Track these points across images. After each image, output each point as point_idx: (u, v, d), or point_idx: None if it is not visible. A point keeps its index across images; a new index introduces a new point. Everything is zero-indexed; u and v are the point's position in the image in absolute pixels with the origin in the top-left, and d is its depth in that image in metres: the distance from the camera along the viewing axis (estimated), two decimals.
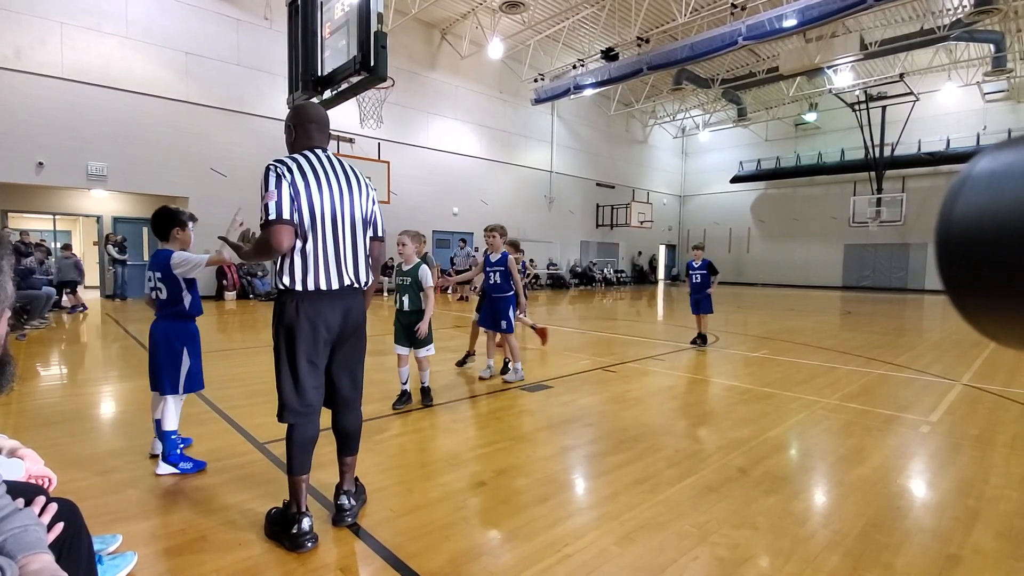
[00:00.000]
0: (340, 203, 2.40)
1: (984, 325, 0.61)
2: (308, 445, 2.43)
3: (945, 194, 0.61)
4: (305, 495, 2.43)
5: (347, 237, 2.42)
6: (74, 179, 13.10)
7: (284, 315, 2.36)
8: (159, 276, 3.12)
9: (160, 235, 3.20)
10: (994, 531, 2.54)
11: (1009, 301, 0.55)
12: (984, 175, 0.57)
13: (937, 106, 23.86)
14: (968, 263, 0.57)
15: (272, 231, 2.23)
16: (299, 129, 2.48)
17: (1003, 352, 7.74)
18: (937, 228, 0.61)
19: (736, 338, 8.89)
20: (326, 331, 2.41)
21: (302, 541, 2.31)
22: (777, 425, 4.21)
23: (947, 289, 0.61)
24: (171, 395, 3.06)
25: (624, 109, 27.26)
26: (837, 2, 13.15)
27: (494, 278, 5.46)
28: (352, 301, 2.48)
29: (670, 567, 2.21)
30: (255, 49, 15.54)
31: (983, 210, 0.56)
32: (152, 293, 3.19)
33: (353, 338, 2.53)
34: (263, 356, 6.74)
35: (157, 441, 3.22)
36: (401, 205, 18.19)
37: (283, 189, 2.25)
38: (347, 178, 2.46)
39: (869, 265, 26.32)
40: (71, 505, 1.47)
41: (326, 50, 4.37)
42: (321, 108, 2.60)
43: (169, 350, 3.09)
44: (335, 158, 2.48)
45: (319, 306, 2.37)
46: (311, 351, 2.39)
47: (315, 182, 2.33)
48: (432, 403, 4.64)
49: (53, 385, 5.36)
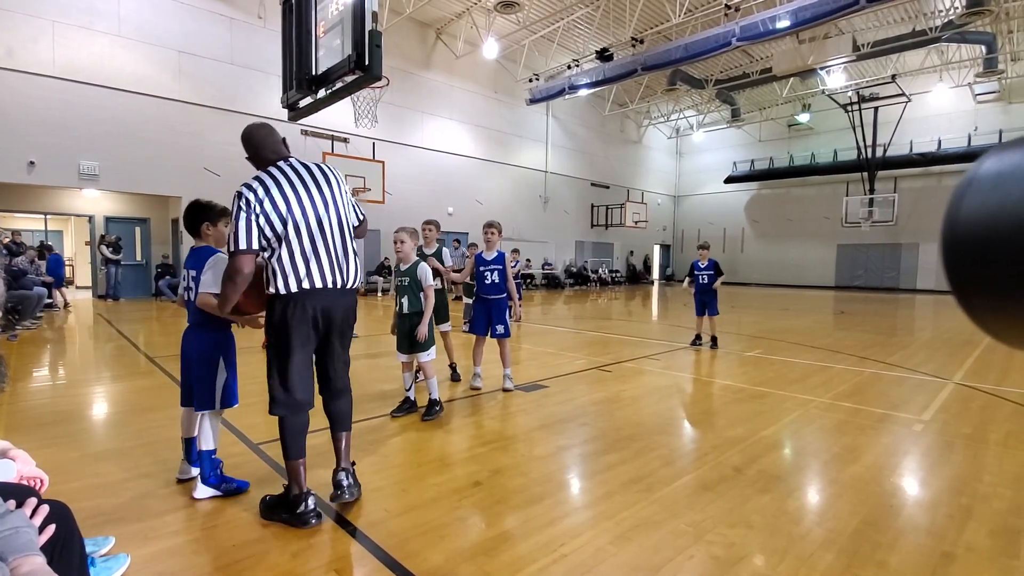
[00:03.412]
0: (321, 206, 2.52)
1: (991, 325, 0.60)
2: (300, 432, 2.58)
3: (951, 195, 0.60)
4: (304, 476, 2.55)
5: (335, 236, 2.56)
6: (66, 178, 13.00)
7: (277, 317, 2.48)
8: (194, 275, 2.83)
9: (189, 229, 2.95)
10: (987, 529, 2.56)
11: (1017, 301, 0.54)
12: (990, 176, 0.57)
13: (929, 107, 24.05)
14: (975, 263, 0.57)
15: (234, 260, 2.38)
16: (255, 158, 2.61)
17: (994, 351, 7.80)
18: (943, 229, 0.60)
19: (730, 338, 8.92)
20: (315, 330, 2.54)
21: (307, 518, 2.46)
22: (771, 424, 4.22)
23: (953, 289, 0.60)
24: (208, 411, 2.79)
25: (619, 109, 27.32)
26: (830, 3, 13.23)
27: (491, 278, 5.09)
28: (343, 298, 2.60)
29: (666, 566, 2.21)
30: (249, 48, 15.47)
31: (990, 210, 0.55)
32: (185, 294, 2.92)
33: (344, 331, 2.67)
34: (254, 356, 6.71)
35: (186, 463, 2.96)
36: (396, 205, 18.16)
37: (240, 219, 2.37)
38: (316, 180, 2.56)
39: (861, 265, 26.50)
40: (63, 507, 1.46)
41: (320, 49, 4.35)
42: (265, 127, 2.65)
43: (204, 361, 2.79)
44: (299, 163, 2.58)
45: (307, 304, 2.48)
46: (303, 350, 2.53)
47: (282, 194, 2.44)
48: (433, 418, 4.17)
49: (45, 386, 5.31)
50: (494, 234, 5.11)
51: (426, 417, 4.17)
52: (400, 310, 4.28)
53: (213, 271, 2.75)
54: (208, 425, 2.81)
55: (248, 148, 2.61)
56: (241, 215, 2.37)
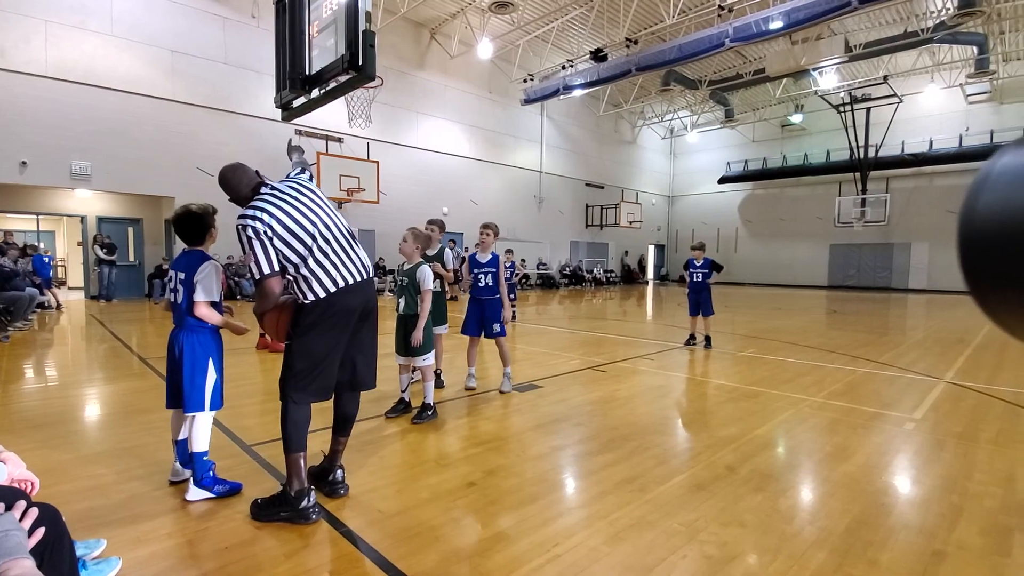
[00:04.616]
0: (320, 214, 2.65)
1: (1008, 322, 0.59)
2: (304, 424, 2.65)
3: (966, 191, 0.59)
4: (306, 470, 2.62)
5: (344, 234, 2.72)
6: (58, 178, 12.90)
7: (314, 316, 2.59)
8: (182, 278, 2.81)
9: (193, 239, 2.88)
10: (978, 527, 2.58)
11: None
12: (1007, 172, 0.56)
13: (920, 108, 24.22)
14: (993, 260, 0.56)
15: (263, 286, 2.49)
16: (237, 199, 2.64)
17: (985, 350, 7.87)
18: (959, 225, 0.58)
19: (724, 337, 8.95)
20: (348, 323, 2.67)
21: (308, 513, 2.51)
22: (764, 423, 4.25)
23: (970, 287, 0.59)
24: (198, 412, 2.79)
25: (613, 110, 27.38)
26: (822, 4, 13.30)
27: (485, 280, 5.08)
28: (369, 290, 2.77)
29: (659, 566, 2.22)
30: (242, 47, 15.40)
31: (1007, 207, 0.54)
32: (172, 295, 2.89)
33: (369, 324, 2.81)
34: (248, 356, 6.69)
35: (178, 465, 2.95)
36: (391, 205, 18.14)
37: (256, 247, 2.45)
38: (306, 191, 2.68)
39: (854, 264, 26.66)
40: (53, 510, 1.45)
41: (314, 48, 4.33)
42: (234, 168, 2.68)
43: (194, 362, 2.79)
44: (284, 182, 2.70)
45: (343, 299, 2.62)
46: (338, 341, 2.66)
47: (285, 212, 2.53)
48: (423, 422, 4.13)
49: (36, 387, 5.27)
50: (488, 235, 5.08)
51: (416, 420, 4.14)
52: (397, 310, 4.25)
53: (209, 281, 2.77)
54: (200, 427, 2.80)
55: (228, 191, 2.65)
56: (256, 244, 2.45)
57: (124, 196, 15.08)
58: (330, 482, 2.83)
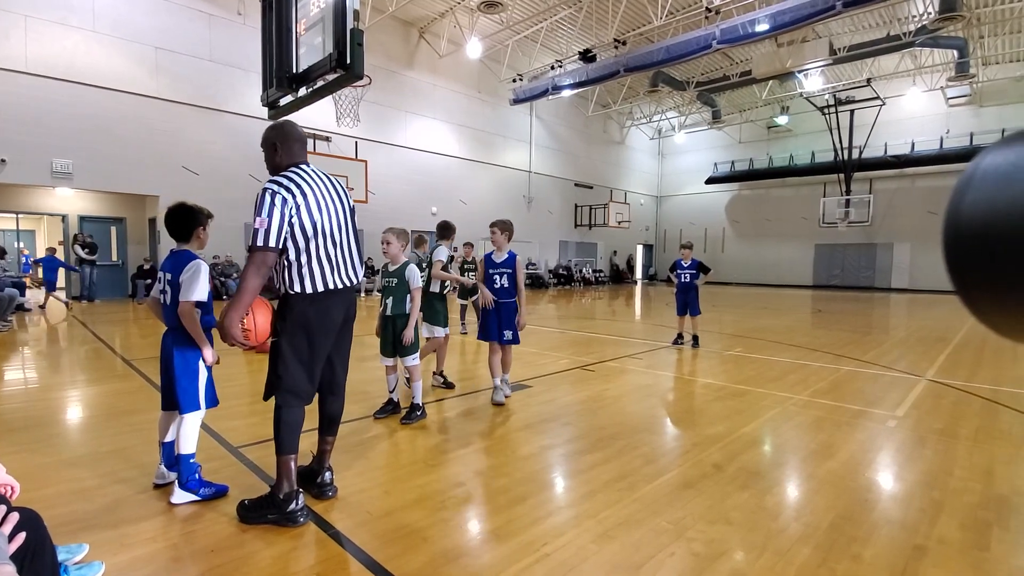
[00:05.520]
0: (339, 214, 2.64)
1: (993, 319, 0.60)
2: (297, 426, 2.63)
3: (952, 191, 0.60)
4: (295, 473, 2.60)
5: (348, 242, 2.70)
6: (38, 176, 12.66)
7: (299, 314, 2.56)
8: (170, 279, 2.78)
9: (180, 235, 2.87)
10: (958, 522, 2.63)
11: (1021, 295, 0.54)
12: (991, 171, 0.57)
13: (902, 110, 24.59)
14: (978, 258, 0.56)
15: (260, 255, 2.38)
16: (283, 147, 2.61)
17: (965, 348, 8.02)
18: (945, 224, 0.59)
19: (711, 336, 9.03)
20: (333, 325, 2.67)
21: (296, 516, 2.50)
22: (751, 421, 4.29)
23: (956, 286, 0.59)
24: (191, 412, 2.76)
25: (602, 110, 27.48)
26: (808, 8, 13.45)
27: (501, 281, 4.73)
28: (351, 297, 2.77)
29: (647, 564, 2.23)
30: (228, 45, 15.23)
31: (991, 206, 0.55)
32: (161, 296, 2.85)
33: (348, 329, 2.82)
34: (235, 358, 6.62)
35: (163, 468, 2.92)
36: (379, 204, 18.04)
37: (275, 216, 2.39)
38: (336, 189, 2.70)
39: (838, 264, 27.02)
40: (34, 514, 1.43)
41: (301, 47, 4.30)
42: (298, 126, 2.74)
43: (185, 362, 2.76)
44: (320, 172, 2.67)
45: (329, 303, 2.61)
46: (323, 344, 2.64)
47: (315, 199, 2.52)
48: (412, 422, 4.11)
49: (16, 390, 5.17)
50: (496, 233, 4.73)
51: (405, 421, 4.14)
52: (383, 311, 4.20)
53: (195, 280, 2.73)
54: (189, 428, 2.77)
55: (282, 146, 2.59)
56: (276, 211, 2.39)
57: (107, 195, 14.85)
58: (318, 483, 2.83)
